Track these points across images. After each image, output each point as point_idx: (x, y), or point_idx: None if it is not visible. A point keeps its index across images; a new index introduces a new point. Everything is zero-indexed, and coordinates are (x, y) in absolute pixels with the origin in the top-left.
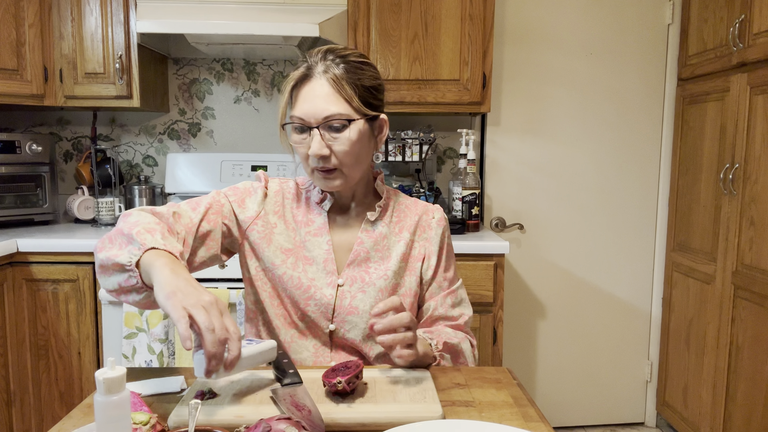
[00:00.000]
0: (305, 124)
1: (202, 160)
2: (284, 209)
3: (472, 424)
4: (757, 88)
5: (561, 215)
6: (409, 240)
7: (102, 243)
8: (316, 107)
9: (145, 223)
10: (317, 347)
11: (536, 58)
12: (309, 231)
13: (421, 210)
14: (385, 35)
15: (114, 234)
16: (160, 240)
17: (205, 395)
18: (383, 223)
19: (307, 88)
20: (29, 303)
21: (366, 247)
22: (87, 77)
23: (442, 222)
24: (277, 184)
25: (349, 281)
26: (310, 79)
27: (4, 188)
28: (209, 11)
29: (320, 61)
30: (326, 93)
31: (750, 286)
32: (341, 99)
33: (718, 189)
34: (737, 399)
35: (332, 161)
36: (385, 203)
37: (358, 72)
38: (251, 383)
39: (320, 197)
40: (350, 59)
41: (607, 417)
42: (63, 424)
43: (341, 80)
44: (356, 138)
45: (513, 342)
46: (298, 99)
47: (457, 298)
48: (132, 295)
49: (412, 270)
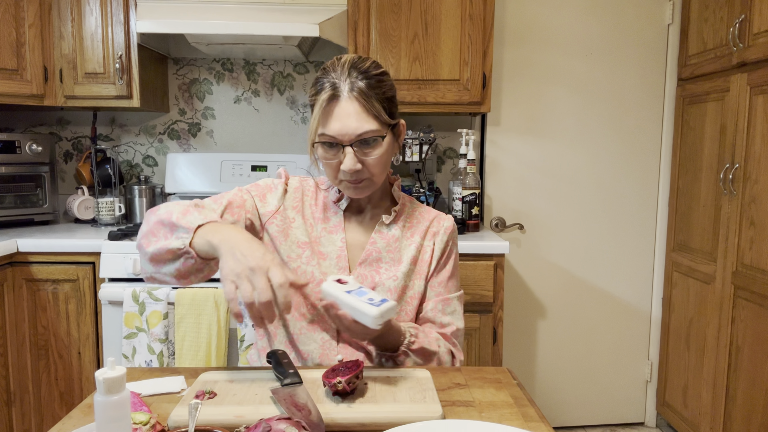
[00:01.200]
0: (338, 142)
1: (202, 160)
2: (303, 205)
3: (472, 424)
4: (757, 88)
5: (561, 215)
6: (419, 244)
7: (146, 239)
8: (348, 126)
9: (178, 210)
10: (325, 340)
11: (536, 58)
12: (325, 227)
13: (433, 216)
14: (385, 35)
15: (154, 227)
16: (199, 217)
17: (206, 395)
18: (396, 227)
19: (337, 108)
20: (29, 303)
21: (378, 248)
22: (87, 77)
23: (449, 230)
24: (297, 181)
25: (359, 280)
26: (338, 99)
27: (4, 188)
28: (209, 11)
29: (345, 79)
30: (357, 111)
31: (750, 286)
32: (371, 116)
33: (718, 189)
34: (737, 399)
35: (364, 174)
36: (400, 208)
37: (381, 85)
38: (252, 383)
39: (337, 196)
40: (372, 73)
41: (607, 417)
42: (63, 424)
43: (369, 97)
44: (385, 149)
45: (513, 342)
46: (328, 119)
47: (450, 307)
48: (193, 275)
49: (421, 273)
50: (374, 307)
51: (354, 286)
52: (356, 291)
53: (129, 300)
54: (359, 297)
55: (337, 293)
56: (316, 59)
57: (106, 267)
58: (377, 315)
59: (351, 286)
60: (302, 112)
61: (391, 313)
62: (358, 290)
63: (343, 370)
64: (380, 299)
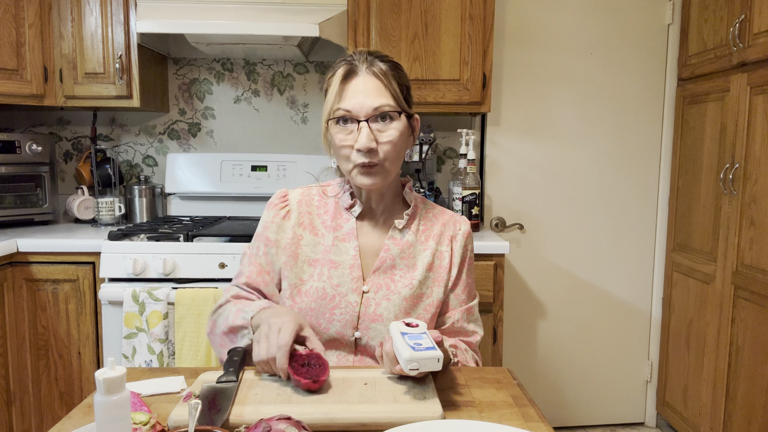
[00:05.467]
0: (353, 116)
1: (202, 160)
2: (311, 217)
3: (472, 424)
4: (757, 88)
5: (561, 215)
6: (434, 249)
7: (218, 349)
8: (366, 100)
9: (231, 313)
10: (340, 357)
11: (536, 58)
12: (337, 236)
13: (448, 219)
14: (385, 35)
15: (220, 340)
16: (245, 316)
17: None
18: (410, 231)
19: (354, 83)
20: (29, 303)
21: (392, 254)
22: (87, 77)
23: (467, 234)
24: (299, 193)
25: (374, 288)
26: (355, 74)
27: (4, 188)
28: (209, 11)
29: (364, 60)
30: (375, 87)
31: (750, 286)
32: (388, 93)
33: (718, 189)
34: (737, 399)
35: (378, 155)
36: (413, 212)
37: (398, 71)
38: (251, 383)
39: (350, 203)
40: (389, 59)
41: (607, 417)
42: (63, 424)
43: (387, 76)
44: (400, 131)
45: (513, 342)
46: (344, 94)
47: (473, 315)
48: None
49: (439, 280)
50: (411, 351)
51: (417, 330)
52: (414, 335)
53: (129, 300)
54: (410, 340)
55: (393, 332)
56: (316, 59)
57: (106, 267)
58: (408, 358)
59: (414, 330)
60: (302, 112)
61: (429, 364)
62: (417, 334)
63: (311, 366)
64: (428, 346)
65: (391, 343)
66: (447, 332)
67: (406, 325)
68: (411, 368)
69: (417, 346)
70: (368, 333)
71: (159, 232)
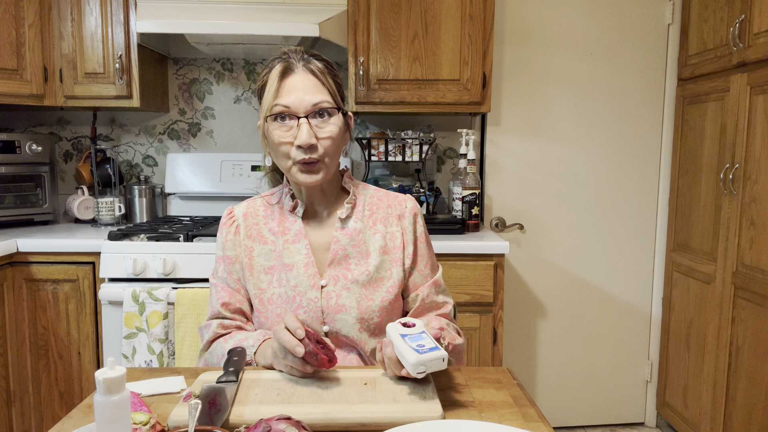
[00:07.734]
0: (292, 113)
1: (202, 160)
2: (258, 227)
3: (472, 424)
4: (757, 88)
5: (561, 215)
6: (384, 232)
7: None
8: (305, 96)
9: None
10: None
11: (536, 58)
12: (287, 239)
13: (392, 200)
14: (385, 35)
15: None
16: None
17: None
18: (356, 219)
19: (292, 80)
20: (29, 303)
21: (343, 245)
22: (87, 77)
23: (413, 210)
24: (244, 207)
25: (332, 281)
26: (292, 72)
27: (4, 188)
28: (209, 11)
29: (300, 57)
30: (313, 84)
31: (750, 286)
32: (326, 90)
33: (718, 189)
34: (737, 399)
35: (318, 151)
36: (353, 198)
37: (333, 70)
38: (251, 383)
39: (292, 205)
40: (323, 59)
41: (607, 417)
42: (63, 424)
43: (324, 73)
44: (339, 127)
45: (513, 342)
46: (282, 90)
47: (441, 287)
48: None
49: (395, 261)
50: (416, 355)
51: (415, 330)
52: (414, 336)
53: (129, 300)
54: (411, 342)
55: (393, 335)
56: None
57: (106, 267)
58: (415, 362)
59: (412, 330)
60: None
61: (435, 364)
62: (417, 335)
63: (325, 347)
64: (431, 347)
65: (392, 347)
66: (419, 309)
67: (403, 325)
68: (419, 372)
69: (420, 348)
70: (335, 325)
71: (159, 232)
